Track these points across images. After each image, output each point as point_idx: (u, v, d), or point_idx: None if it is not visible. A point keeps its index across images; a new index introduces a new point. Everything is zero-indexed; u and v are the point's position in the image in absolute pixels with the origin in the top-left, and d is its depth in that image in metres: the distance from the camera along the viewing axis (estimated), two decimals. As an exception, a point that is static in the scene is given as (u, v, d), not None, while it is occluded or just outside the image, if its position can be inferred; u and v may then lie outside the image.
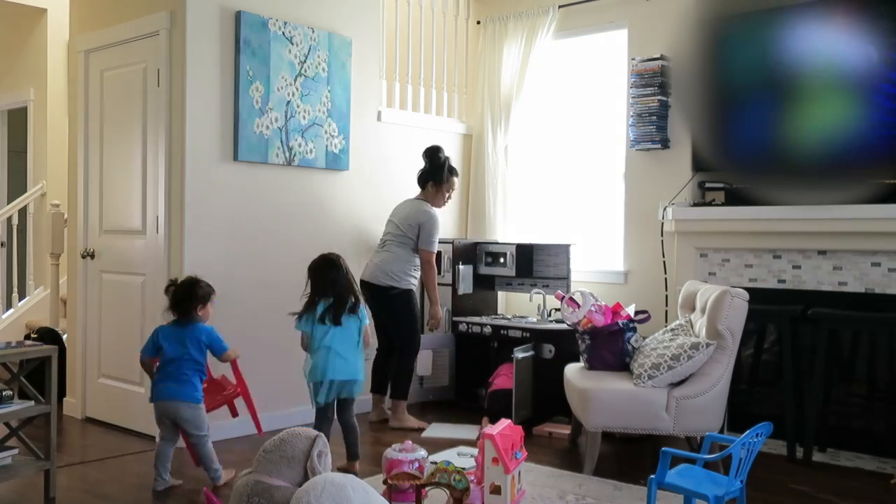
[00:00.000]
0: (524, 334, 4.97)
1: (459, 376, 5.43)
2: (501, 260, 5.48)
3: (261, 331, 4.61)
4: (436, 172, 4.92)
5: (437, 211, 4.89)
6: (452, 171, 4.99)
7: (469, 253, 5.56)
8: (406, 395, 4.83)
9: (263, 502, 2.65)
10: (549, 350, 4.85)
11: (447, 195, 4.99)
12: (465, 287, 5.48)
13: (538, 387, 4.80)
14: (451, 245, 5.45)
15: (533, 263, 5.43)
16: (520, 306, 5.72)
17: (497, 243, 5.57)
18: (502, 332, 5.10)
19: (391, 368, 4.88)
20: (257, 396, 4.01)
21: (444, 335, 5.38)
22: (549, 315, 5.13)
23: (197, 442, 3.62)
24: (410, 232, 4.80)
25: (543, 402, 4.77)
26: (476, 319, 5.32)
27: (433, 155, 4.96)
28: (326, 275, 3.85)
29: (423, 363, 5.20)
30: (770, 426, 2.87)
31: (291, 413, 4.62)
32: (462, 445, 4.29)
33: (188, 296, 3.69)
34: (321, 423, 3.81)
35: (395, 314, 4.83)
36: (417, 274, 4.88)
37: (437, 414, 5.04)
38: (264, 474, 2.71)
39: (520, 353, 4.72)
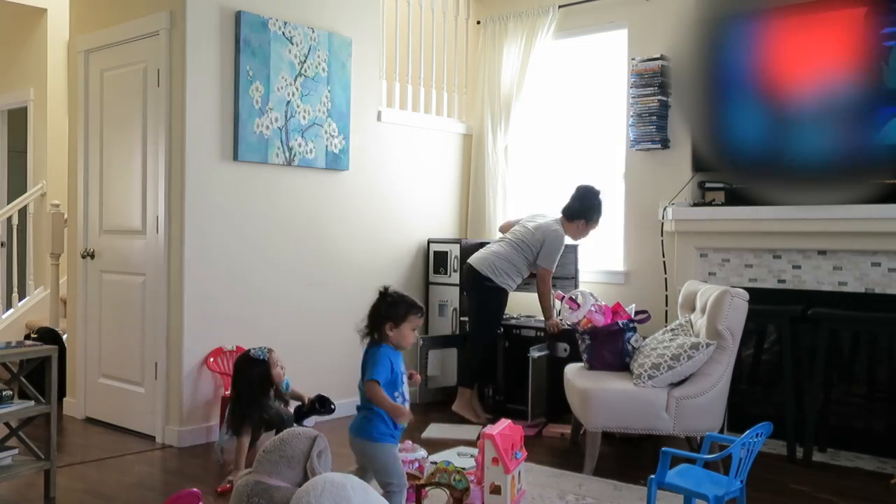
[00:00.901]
0: (538, 333, 4.97)
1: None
2: None
3: (261, 330, 4.61)
4: (589, 212, 4.89)
5: (566, 237, 4.92)
6: (601, 213, 4.97)
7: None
8: (469, 383, 4.96)
9: (263, 502, 2.65)
10: (563, 349, 4.87)
11: (587, 234, 4.99)
12: (472, 286, 5.49)
13: (553, 386, 4.80)
14: (458, 245, 5.45)
15: None
16: (523, 305, 5.72)
17: None
18: (514, 331, 5.10)
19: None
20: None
21: (452, 335, 5.38)
22: (558, 314, 5.12)
23: None
24: (533, 242, 4.87)
25: (557, 402, 4.75)
26: None
27: (590, 195, 4.90)
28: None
29: (431, 363, 5.21)
30: (770, 426, 2.87)
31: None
32: (462, 445, 4.29)
33: None
34: None
35: (480, 304, 4.95)
36: (518, 280, 4.96)
37: (442, 414, 5.04)
38: (264, 475, 2.71)
39: (535, 353, 4.74)
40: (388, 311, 2.98)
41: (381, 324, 2.99)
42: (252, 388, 3.81)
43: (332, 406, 3.90)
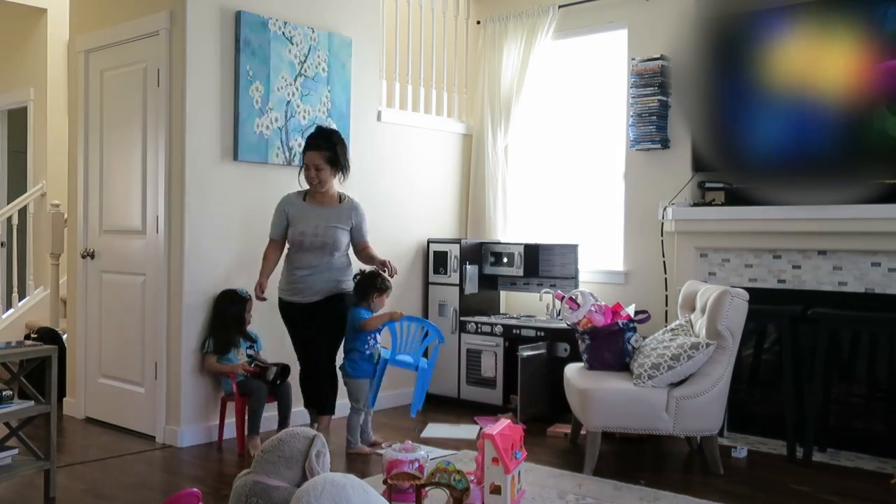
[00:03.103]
0: (538, 333, 4.98)
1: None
2: (505, 260, 5.48)
3: (260, 330, 4.61)
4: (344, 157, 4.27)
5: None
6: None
7: (475, 253, 5.57)
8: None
9: (262, 502, 2.65)
10: (564, 349, 4.87)
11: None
12: (472, 287, 5.49)
13: (553, 386, 4.80)
14: (458, 245, 5.45)
15: (539, 263, 5.44)
16: (523, 305, 5.72)
17: (504, 243, 5.57)
18: (514, 331, 5.10)
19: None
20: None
21: (451, 335, 5.39)
22: (559, 314, 5.12)
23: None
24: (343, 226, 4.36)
25: (558, 401, 4.75)
26: (485, 319, 5.32)
27: (335, 134, 4.30)
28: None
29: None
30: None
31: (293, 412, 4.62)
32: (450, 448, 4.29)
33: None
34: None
35: (343, 320, 4.34)
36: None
37: (441, 413, 5.04)
38: (262, 475, 2.71)
39: (525, 352, 4.74)
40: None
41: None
42: (230, 319, 4.40)
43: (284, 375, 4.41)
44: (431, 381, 5.23)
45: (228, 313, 4.38)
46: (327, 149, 4.17)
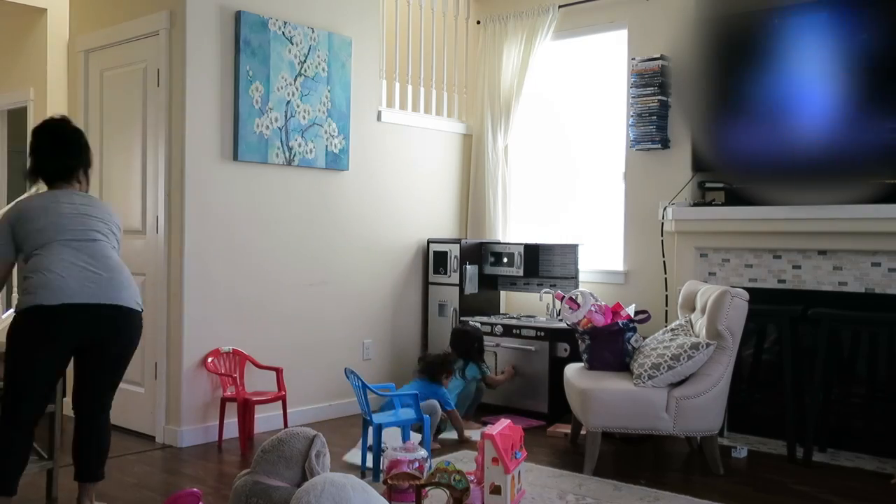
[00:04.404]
0: (538, 333, 4.97)
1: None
2: (505, 260, 5.49)
3: (261, 330, 4.61)
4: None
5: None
6: None
7: (475, 253, 5.57)
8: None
9: (262, 503, 2.65)
10: (564, 349, 4.87)
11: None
12: (472, 287, 5.49)
13: (553, 386, 4.80)
14: (458, 245, 5.45)
15: (539, 263, 5.44)
16: (523, 305, 5.72)
17: (504, 243, 5.57)
18: (514, 331, 5.10)
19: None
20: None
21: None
22: (559, 314, 5.12)
23: None
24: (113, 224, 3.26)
25: (558, 401, 4.75)
26: (485, 319, 5.33)
27: None
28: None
29: None
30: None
31: (291, 413, 4.62)
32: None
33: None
34: None
35: (131, 351, 3.26)
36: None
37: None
38: (262, 475, 2.71)
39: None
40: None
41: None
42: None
43: None
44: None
45: None
46: None
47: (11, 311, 6.04)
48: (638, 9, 5.21)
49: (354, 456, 4.03)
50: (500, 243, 5.60)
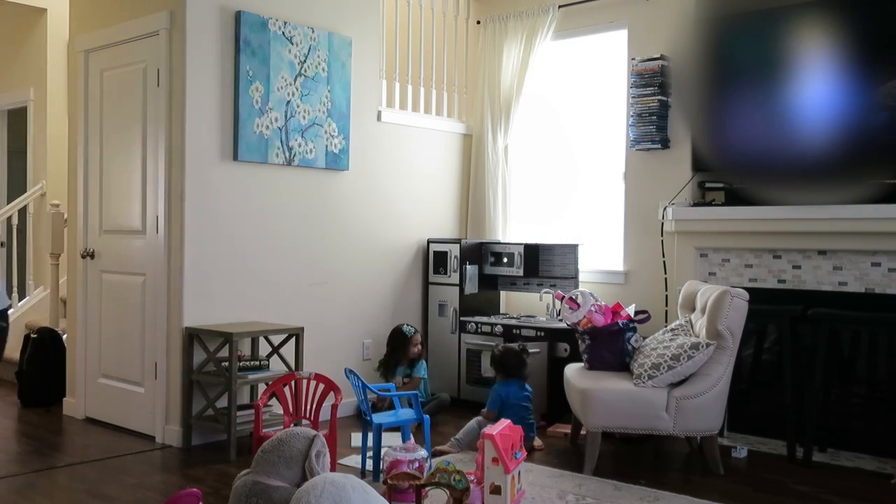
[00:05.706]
0: (538, 333, 4.98)
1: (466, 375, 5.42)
2: (505, 260, 5.49)
3: (261, 331, 4.61)
4: None
5: None
6: None
7: (475, 253, 5.57)
8: None
9: (262, 503, 2.65)
10: (564, 349, 4.87)
11: None
12: (472, 287, 5.49)
13: (553, 386, 4.79)
14: (458, 245, 5.45)
15: (539, 263, 5.44)
16: (523, 306, 5.72)
17: (504, 243, 5.57)
18: (514, 331, 5.10)
19: None
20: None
21: (451, 335, 5.38)
22: (559, 314, 5.12)
23: None
24: None
25: (558, 401, 4.75)
26: (485, 319, 5.32)
27: None
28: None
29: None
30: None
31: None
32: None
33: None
34: None
35: None
36: None
37: (441, 413, 5.03)
38: (262, 475, 2.71)
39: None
40: None
41: None
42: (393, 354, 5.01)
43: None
44: (430, 381, 5.26)
45: None
46: None
47: (11, 310, 6.06)
48: (638, 9, 5.21)
49: (350, 459, 4.03)
50: (500, 243, 5.60)
